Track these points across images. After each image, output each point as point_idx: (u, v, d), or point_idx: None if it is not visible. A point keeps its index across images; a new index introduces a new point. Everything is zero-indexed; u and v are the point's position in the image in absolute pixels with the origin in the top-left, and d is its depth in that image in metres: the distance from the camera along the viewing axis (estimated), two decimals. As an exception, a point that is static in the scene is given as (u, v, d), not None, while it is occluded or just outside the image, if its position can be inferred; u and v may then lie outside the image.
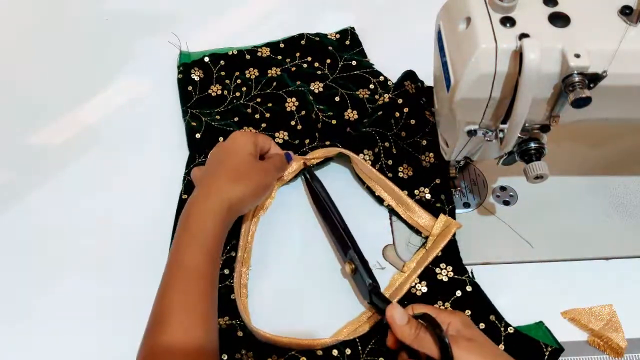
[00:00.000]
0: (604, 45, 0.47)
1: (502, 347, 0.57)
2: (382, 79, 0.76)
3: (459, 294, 0.60)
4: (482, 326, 0.58)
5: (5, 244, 0.65)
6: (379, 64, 0.79)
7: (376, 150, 0.68)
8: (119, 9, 0.87)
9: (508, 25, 0.47)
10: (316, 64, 0.79)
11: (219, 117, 0.74)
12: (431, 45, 0.55)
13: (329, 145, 0.70)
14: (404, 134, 0.70)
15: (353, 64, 0.78)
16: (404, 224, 0.66)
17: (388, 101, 0.72)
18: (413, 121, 0.70)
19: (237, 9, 0.87)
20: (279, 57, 0.80)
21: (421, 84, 0.73)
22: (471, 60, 0.47)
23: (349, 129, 0.72)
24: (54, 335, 0.59)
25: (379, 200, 0.67)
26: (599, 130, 0.72)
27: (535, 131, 0.53)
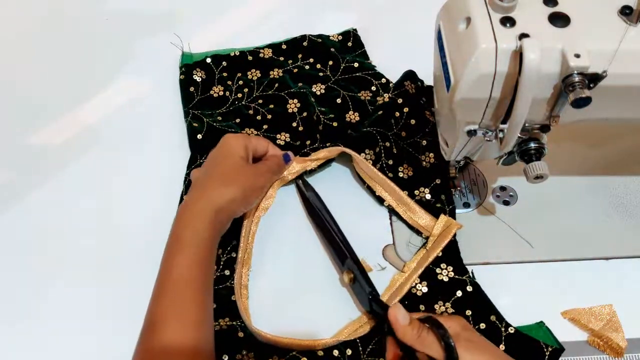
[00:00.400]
0: (604, 45, 0.47)
1: (502, 348, 0.57)
2: (384, 81, 0.76)
3: (459, 294, 0.60)
4: (482, 326, 0.58)
5: (5, 244, 0.65)
6: (378, 63, 0.79)
7: (377, 150, 0.68)
8: (119, 9, 0.87)
9: (508, 25, 0.47)
10: (318, 66, 0.79)
11: (220, 118, 0.74)
12: (431, 45, 0.55)
13: (330, 146, 0.70)
14: (404, 133, 0.70)
15: (355, 65, 0.78)
16: (404, 224, 0.66)
17: (388, 101, 0.72)
18: (413, 121, 0.70)
19: (237, 9, 0.87)
20: (281, 59, 0.80)
21: (421, 84, 0.73)
22: (471, 60, 0.47)
23: (350, 131, 0.71)
24: (53, 335, 0.59)
25: (380, 200, 0.67)
26: (599, 130, 0.72)
27: (535, 131, 0.53)
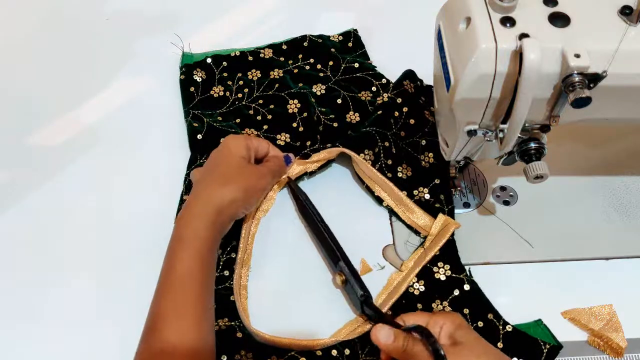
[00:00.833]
0: (604, 45, 0.47)
1: (500, 346, 0.57)
2: (384, 81, 0.76)
3: (456, 292, 0.60)
4: (480, 325, 0.58)
5: (5, 244, 0.65)
6: (378, 63, 0.79)
7: (376, 150, 0.68)
8: (119, 9, 0.87)
9: (508, 25, 0.47)
10: (319, 66, 0.79)
11: (220, 119, 0.74)
12: (431, 45, 0.55)
13: (330, 147, 0.70)
14: (404, 133, 0.70)
15: (355, 66, 0.78)
16: (403, 224, 0.66)
17: (387, 100, 0.72)
18: (412, 121, 0.70)
19: (237, 9, 0.87)
20: (282, 59, 0.80)
21: (420, 83, 0.73)
22: (471, 60, 0.46)
23: (350, 131, 0.71)
24: (53, 335, 0.59)
25: (379, 200, 0.67)
26: (599, 130, 0.72)
27: (535, 131, 0.53)
